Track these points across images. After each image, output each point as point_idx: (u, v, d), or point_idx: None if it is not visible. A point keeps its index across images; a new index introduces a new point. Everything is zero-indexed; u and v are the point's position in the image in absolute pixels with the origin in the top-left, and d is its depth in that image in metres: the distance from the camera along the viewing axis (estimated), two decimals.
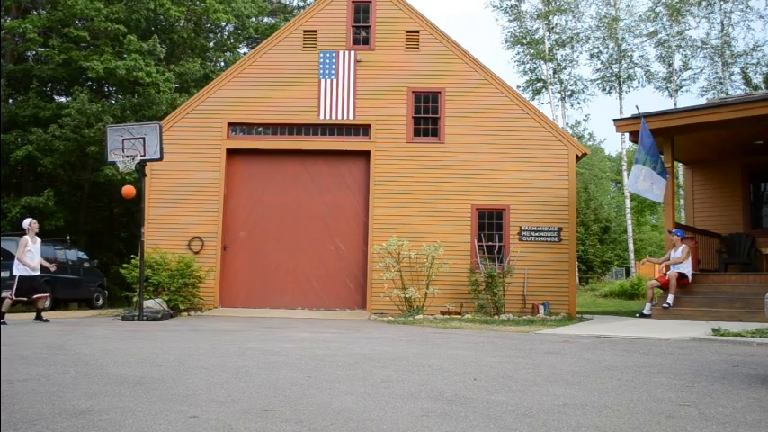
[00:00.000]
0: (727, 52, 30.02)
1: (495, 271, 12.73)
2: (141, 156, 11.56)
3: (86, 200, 22.95)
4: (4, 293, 11.20)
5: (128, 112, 20.97)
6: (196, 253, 13.71)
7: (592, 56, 32.05)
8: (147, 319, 11.14)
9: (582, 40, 32.04)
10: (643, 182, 12.16)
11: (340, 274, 14.13)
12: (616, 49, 31.27)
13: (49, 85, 24.20)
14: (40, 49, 21.93)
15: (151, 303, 12.11)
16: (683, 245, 12.22)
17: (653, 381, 4.79)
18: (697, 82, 63.90)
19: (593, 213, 32.73)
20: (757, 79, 29.60)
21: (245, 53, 26.95)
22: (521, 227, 13.69)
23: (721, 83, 30.16)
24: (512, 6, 32.63)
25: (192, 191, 14.09)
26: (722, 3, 29.94)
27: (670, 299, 11.76)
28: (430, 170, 13.99)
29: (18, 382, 4.46)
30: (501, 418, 3.43)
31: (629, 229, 30.29)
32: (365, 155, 14.26)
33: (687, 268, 12.13)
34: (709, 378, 4.96)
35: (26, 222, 11.38)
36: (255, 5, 27.07)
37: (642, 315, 11.98)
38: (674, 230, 12.46)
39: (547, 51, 31.59)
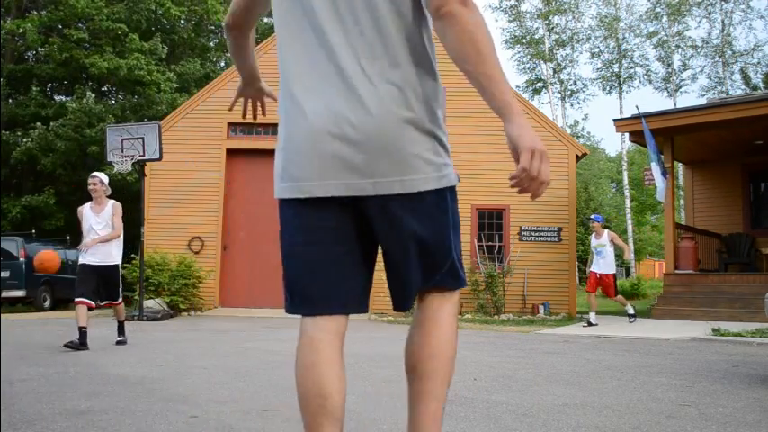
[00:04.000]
0: (728, 52, 30.00)
1: (494, 271, 12.73)
2: (140, 156, 11.55)
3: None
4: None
5: (128, 111, 20.94)
6: (196, 253, 13.71)
7: (592, 55, 32.04)
8: (148, 319, 11.14)
9: (582, 39, 32.03)
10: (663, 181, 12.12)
11: None
12: (616, 48, 31.26)
13: (50, 84, 24.16)
14: (40, 49, 21.90)
15: (151, 303, 12.12)
16: (606, 231, 10.55)
17: (653, 381, 4.79)
18: (697, 82, 64.13)
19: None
20: (757, 79, 29.59)
21: None
22: (521, 227, 13.68)
23: (721, 83, 30.15)
24: (511, 7, 32.61)
25: (192, 191, 14.08)
26: (723, 2, 29.92)
27: (592, 317, 10.30)
28: None
29: (18, 382, 4.46)
30: (501, 418, 3.43)
31: (629, 229, 30.25)
32: None
33: (611, 265, 10.47)
34: (709, 378, 4.96)
35: None
36: None
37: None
38: (592, 216, 10.86)
39: (547, 51, 31.57)
